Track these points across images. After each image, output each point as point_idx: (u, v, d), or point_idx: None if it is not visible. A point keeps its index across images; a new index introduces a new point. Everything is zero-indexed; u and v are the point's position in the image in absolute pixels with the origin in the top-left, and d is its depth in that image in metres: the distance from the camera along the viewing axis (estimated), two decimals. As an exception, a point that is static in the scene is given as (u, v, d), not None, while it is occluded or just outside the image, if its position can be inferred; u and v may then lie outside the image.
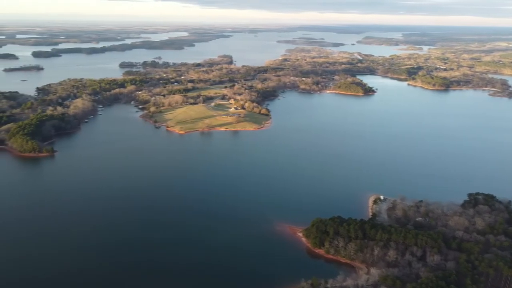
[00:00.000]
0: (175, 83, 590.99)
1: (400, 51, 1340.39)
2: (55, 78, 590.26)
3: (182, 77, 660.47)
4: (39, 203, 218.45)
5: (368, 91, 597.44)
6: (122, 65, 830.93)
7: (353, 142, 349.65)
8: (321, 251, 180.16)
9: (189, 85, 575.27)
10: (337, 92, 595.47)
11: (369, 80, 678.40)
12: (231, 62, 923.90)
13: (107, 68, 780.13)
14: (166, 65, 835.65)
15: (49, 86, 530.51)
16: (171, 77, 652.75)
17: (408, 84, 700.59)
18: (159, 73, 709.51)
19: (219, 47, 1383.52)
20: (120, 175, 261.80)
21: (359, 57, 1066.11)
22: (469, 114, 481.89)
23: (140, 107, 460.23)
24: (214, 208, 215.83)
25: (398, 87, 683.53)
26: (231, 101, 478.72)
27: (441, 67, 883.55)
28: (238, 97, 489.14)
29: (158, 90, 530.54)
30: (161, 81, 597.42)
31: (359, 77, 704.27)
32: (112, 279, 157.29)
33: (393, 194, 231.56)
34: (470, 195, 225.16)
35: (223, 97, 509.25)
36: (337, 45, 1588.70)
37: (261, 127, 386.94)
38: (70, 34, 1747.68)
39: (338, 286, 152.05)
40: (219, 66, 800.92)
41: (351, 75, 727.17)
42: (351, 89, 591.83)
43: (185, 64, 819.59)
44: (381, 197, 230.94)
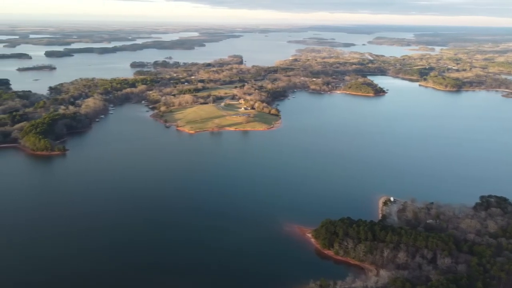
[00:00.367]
0: (186, 83, 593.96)
1: (412, 51, 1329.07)
2: (67, 77, 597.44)
3: (193, 77, 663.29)
4: (51, 202, 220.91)
5: (379, 91, 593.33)
6: (133, 65, 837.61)
7: (363, 143, 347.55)
8: (330, 252, 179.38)
9: (199, 85, 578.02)
10: (348, 92, 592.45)
11: (380, 81, 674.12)
12: (241, 62, 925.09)
13: (118, 67, 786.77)
14: (176, 65, 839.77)
15: (61, 86, 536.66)
16: (181, 77, 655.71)
17: (420, 85, 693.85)
18: (170, 73, 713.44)
19: (229, 47, 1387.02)
20: (130, 174, 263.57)
21: (370, 57, 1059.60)
22: (482, 115, 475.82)
23: (151, 106, 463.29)
24: (223, 208, 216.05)
25: (410, 87, 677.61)
26: (241, 101, 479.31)
27: (453, 67, 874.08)
28: (248, 97, 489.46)
29: (168, 89, 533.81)
30: (171, 81, 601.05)
31: (370, 78, 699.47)
32: (121, 278, 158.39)
33: (403, 195, 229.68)
34: (482, 197, 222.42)
35: (233, 97, 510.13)
36: (347, 45, 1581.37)
37: (271, 127, 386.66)
38: (82, 34, 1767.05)
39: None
40: (229, 66, 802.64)
41: (361, 75, 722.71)
42: (361, 90, 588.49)
43: (196, 64, 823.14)
44: (391, 199, 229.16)
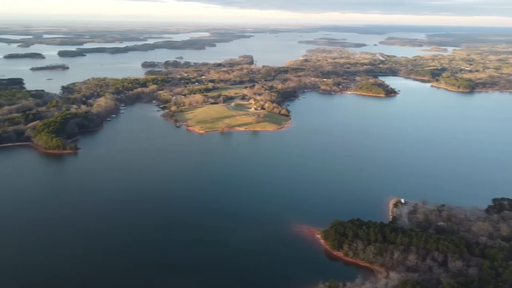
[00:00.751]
0: (196, 83, 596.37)
1: (424, 52, 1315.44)
2: (80, 77, 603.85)
3: (203, 77, 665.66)
4: (62, 201, 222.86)
5: (390, 92, 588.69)
6: (145, 65, 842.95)
7: (373, 144, 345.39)
8: (339, 254, 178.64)
9: (210, 85, 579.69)
10: (358, 93, 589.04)
11: (391, 81, 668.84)
12: (251, 62, 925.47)
13: (130, 67, 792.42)
14: (187, 65, 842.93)
15: (74, 85, 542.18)
16: (192, 77, 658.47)
17: (432, 86, 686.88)
18: (180, 72, 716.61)
19: (240, 47, 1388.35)
20: (140, 174, 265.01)
21: (381, 58, 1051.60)
22: (495, 116, 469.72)
23: (161, 106, 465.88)
24: (232, 208, 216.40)
25: (421, 88, 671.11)
26: (251, 101, 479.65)
27: (466, 68, 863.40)
28: (258, 97, 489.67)
29: (179, 89, 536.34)
30: (182, 81, 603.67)
31: (381, 78, 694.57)
32: (129, 277, 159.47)
33: (414, 197, 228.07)
34: (494, 200, 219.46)
35: (243, 97, 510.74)
36: (359, 45, 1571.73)
37: (281, 128, 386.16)
38: (94, 34, 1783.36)
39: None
40: (239, 66, 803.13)
41: (372, 76, 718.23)
42: (372, 90, 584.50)
43: (206, 64, 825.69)
44: (402, 201, 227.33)
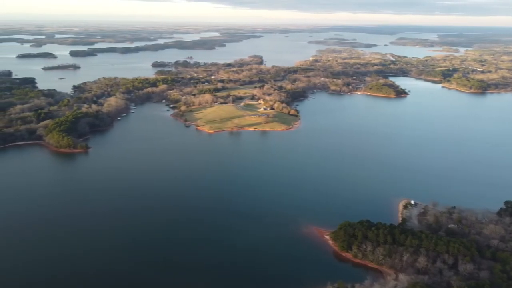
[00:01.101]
0: (206, 83, 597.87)
1: (435, 52, 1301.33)
2: (91, 76, 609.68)
3: (213, 77, 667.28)
4: (73, 200, 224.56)
5: (401, 93, 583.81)
6: (155, 65, 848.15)
7: (383, 144, 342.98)
8: (348, 255, 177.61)
9: (219, 85, 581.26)
10: (368, 93, 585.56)
11: (401, 82, 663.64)
12: (261, 63, 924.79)
13: (140, 67, 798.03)
14: (197, 65, 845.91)
15: (85, 85, 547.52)
16: (201, 76, 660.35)
17: (443, 87, 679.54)
18: (190, 72, 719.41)
19: (249, 47, 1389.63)
20: (149, 173, 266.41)
21: (392, 58, 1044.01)
22: (507, 118, 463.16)
23: (171, 106, 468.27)
24: (241, 208, 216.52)
25: (432, 89, 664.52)
26: (260, 101, 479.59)
27: (478, 69, 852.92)
28: (268, 97, 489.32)
29: (188, 89, 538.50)
30: (192, 81, 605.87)
31: (392, 79, 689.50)
32: (139, 276, 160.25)
33: (424, 199, 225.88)
34: (507, 202, 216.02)
35: (253, 97, 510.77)
36: (369, 46, 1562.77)
37: (290, 128, 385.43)
38: (105, 34, 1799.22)
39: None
40: (249, 66, 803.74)
41: (383, 76, 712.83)
42: (382, 91, 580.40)
43: (216, 64, 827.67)
44: (412, 202, 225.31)
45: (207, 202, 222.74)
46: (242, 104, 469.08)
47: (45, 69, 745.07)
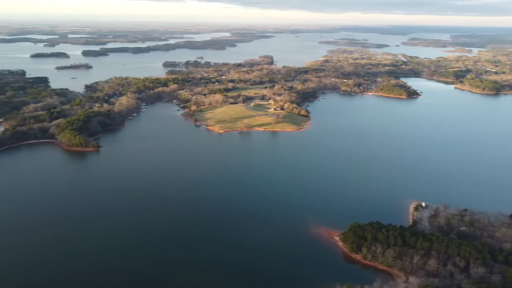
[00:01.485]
0: (216, 83, 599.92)
1: (448, 53, 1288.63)
2: (103, 76, 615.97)
3: (223, 77, 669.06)
4: (84, 199, 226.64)
5: (412, 94, 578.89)
6: (166, 65, 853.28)
7: (394, 146, 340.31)
8: (358, 257, 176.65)
9: (230, 85, 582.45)
10: (380, 94, 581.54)
11: (413, 83, 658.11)
12: (271, 63, 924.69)
13: (151, 67, 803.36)
14: (207, 65, 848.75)
15: (97, 84, 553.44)
16: (212, 76, 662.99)
17: (455, 88, 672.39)
18: (201, 72, 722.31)
19: (260, 47, 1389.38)
20: (160, 172, 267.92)
21: (404, 58, 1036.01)
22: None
23: (182, 105, 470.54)
24: (250, 208, 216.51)
25: (444, 90, 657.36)
26: (271, 101, 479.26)
27: (492, 70, 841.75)
28: (278, 97, 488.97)
29: (199, 89, 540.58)
30: (202, 81, 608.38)
31: (403, 80, 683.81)
32: (148, 275, 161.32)
33: (435, 201, 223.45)
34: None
35: (263, 97, 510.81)
36: (380, 46, 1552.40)
37: (300, 128, 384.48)
38: (117, 34, 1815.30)
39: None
40: (259, 67, 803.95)
41: (394, 77, 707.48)
42: (394, 92, 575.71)
43: (226, 64, 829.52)
44: (423, 204, 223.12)
45: (217, 202, 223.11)
46: (252, 104, 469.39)
47: (58, 68, 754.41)
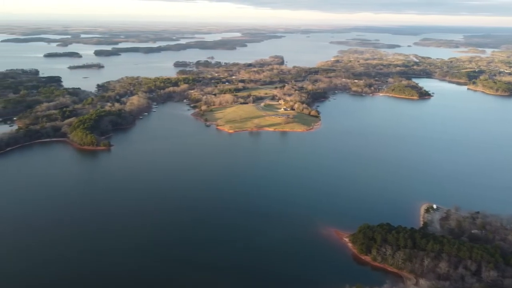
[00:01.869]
0: (226, 83, 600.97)
1: (460, 53, 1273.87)
2: (114, 75, 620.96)
3: (233, 77, 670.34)
4: (95, 199, 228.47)
5: (424, 95, 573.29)
6: (176, 64, 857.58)
7: (405, 147, 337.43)
8: (367, 258, 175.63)
9: (240, 85, 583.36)
10: (391, 95, 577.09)
11: (425, 84, 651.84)
12: (282, 63, 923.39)
13: (162, 67, 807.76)
14: (218, 65, 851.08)
15: (108, 83, 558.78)
16: (222, 76, 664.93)
17: (468, 89, 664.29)
18: (211, 72, 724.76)
19: (271, 47, 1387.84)
20: (170, 172, 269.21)
21: (415, 59, 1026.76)
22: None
23: (192, 105, 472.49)
24: (259, 209, 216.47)
25: (457, 91, 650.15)
26: (281, 101, 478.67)
27: (506, 71, 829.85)
28: (288, 98, 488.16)
29: (209, 89, 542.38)
30: (212, 81, 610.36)
31: (415, 80, 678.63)
32: (156, 274, 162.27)
33: (447, 203, 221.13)
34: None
35: (273, 97, 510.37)
36: (392, 46, 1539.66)
37: (310, 129, 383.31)
38: (129, 34, 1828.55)
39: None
40: (270, 67, 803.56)
41: (406, 78, 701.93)
42: (405, 93, 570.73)
43: (237, 64, 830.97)
44: (434, 206, 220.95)
45: (226, 202, 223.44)
46: (262, 104, 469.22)
47: (70, 68, 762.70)
